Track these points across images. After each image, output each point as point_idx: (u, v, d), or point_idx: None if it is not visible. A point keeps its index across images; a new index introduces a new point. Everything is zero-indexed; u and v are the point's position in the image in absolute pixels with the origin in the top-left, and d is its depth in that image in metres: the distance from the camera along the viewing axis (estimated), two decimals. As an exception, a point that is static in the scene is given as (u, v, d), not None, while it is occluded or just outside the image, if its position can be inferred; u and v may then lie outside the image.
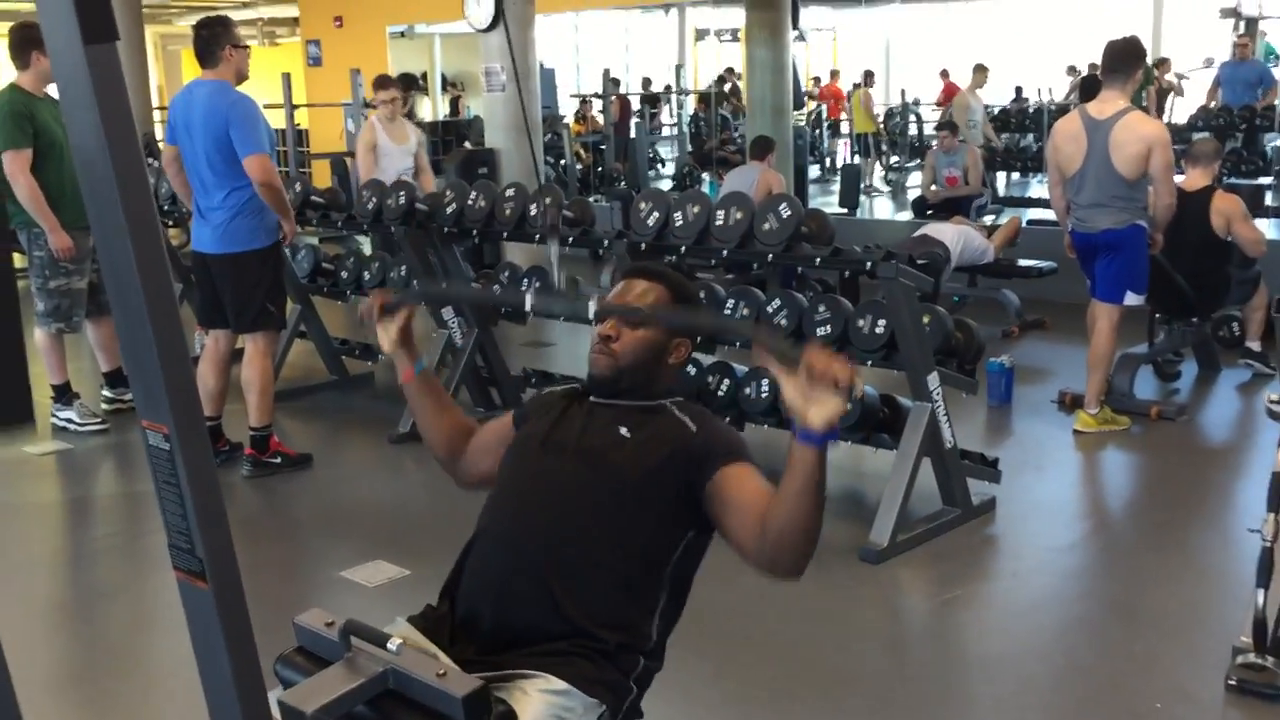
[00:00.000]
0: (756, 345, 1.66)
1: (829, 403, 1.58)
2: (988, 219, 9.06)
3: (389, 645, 1.55)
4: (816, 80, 17.98)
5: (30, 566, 3.93)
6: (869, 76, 14.81)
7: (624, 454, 1.86)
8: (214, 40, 4.41)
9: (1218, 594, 3.61)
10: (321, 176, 12.15)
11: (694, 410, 1.95)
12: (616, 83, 14.56)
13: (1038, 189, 12.20)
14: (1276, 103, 10.07)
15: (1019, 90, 14.34)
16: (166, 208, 6.17)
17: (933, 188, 8.97)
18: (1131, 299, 4.95)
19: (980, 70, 11.35)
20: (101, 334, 5.48)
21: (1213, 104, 10.51)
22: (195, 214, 4.60)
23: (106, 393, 5.62)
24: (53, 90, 4.87)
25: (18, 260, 5.58)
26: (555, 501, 1.85)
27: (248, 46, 4.56)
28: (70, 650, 3.38)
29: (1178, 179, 5.22)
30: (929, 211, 8.74)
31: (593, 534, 1.82)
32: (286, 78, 10.75)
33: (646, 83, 16.59)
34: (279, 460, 4.75)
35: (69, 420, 5.33)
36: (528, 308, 1.90)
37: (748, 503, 1.78)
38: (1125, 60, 4.83)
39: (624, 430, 1.89)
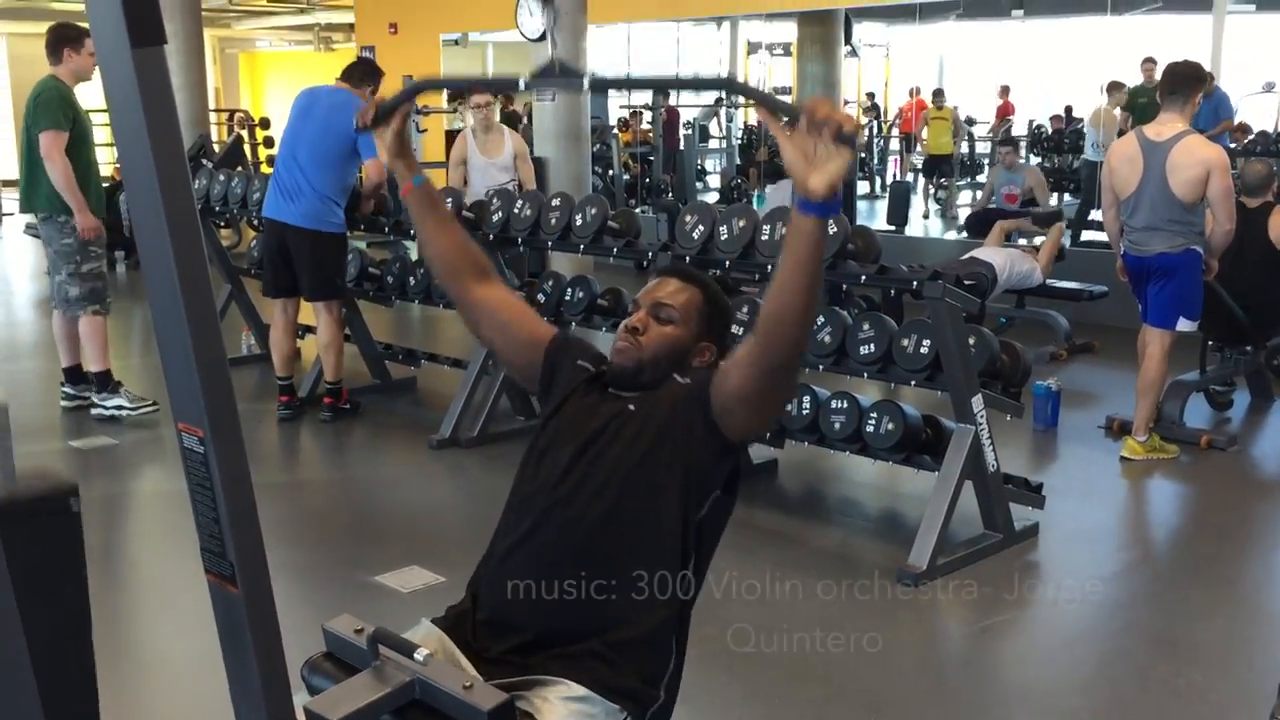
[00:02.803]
0: (757, 104, 1.60)
1: (831, 162, 1.49)
2: (1038, 240, 8.95)
3: (416, 655, 1.54)
4: (871, 96, 17.89)
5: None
6: (939, 95, 14.49)
7: (634, 427, 1.85)
8: (370, 74, 5.42)
9: (1265, 630, 3.53)
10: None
11: (687, 370, 1.94)
12: (666, 95, 14.54)
13: (1089, 210, 12.05)
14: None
15: (1069, 110, 14.17)
16: (217, 209, 6.25)
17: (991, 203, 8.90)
18: (1184, 325, 4.86)
19: (1117, 87, 10.38)
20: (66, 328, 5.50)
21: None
22: (278, 189, 5.19)
23: (68, 389, 5.58)
24: (80, 89, 5.25)
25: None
26: (574, 499, 1.83)
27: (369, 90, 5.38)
28: (98, 645, 3.40)
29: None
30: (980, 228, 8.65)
31: (615, 515, 1.80)
32: (340, 83, 10.85)
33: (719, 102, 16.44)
34: (348, 407, 5.53)
35: (118, 408, 5.41)
36: (521, 86, 1.88)
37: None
38: (1185, 83, 4.77)
39: (631, 406, 1.88)
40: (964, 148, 14.30)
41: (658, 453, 1.81)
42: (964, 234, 9.28)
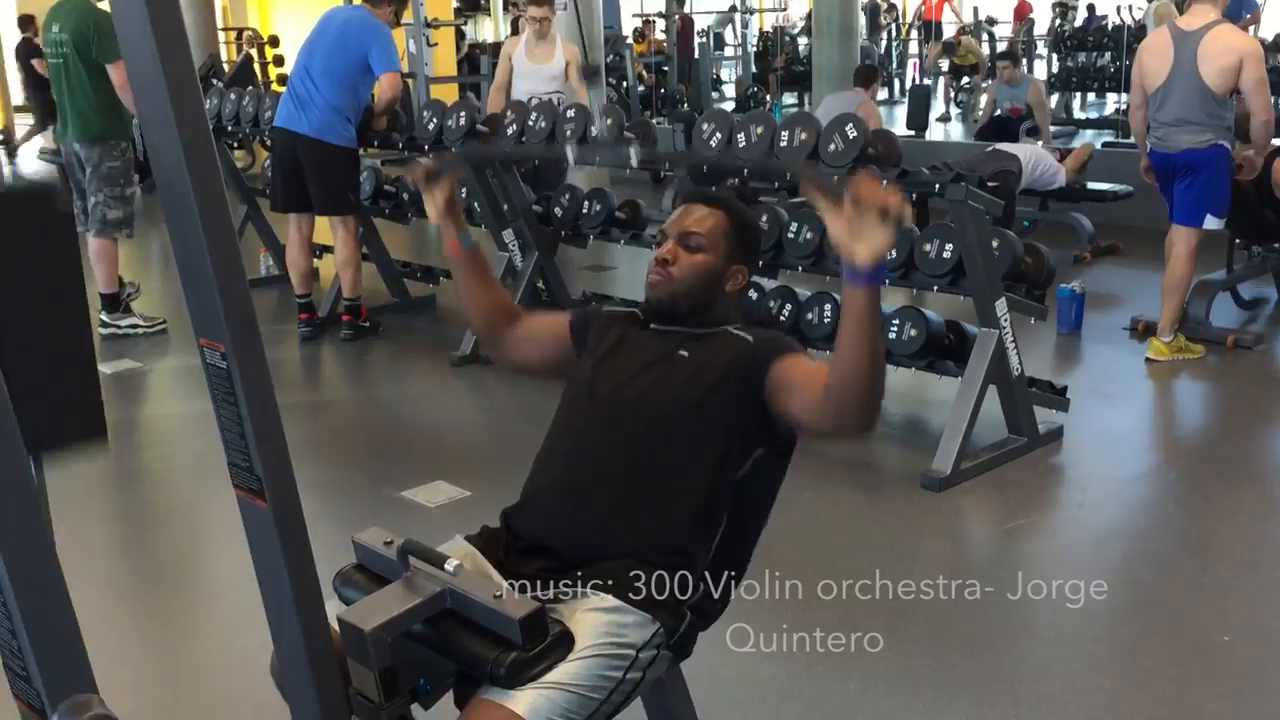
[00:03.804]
0: (803, 181, 1.65)
1: (876, 235, 1.55)
2: (1057, 142, 8.79)
3: (446, 566, 1.55)
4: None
5: (97, 483, 4.02)
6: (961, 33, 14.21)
7: (684, 375, 1.86)
8: None
9: (1292, 527, 3.53)
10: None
11: (751, 328, 1.94)
12: (681, 2, 14.29)
13: (1114, 110, 11.83)
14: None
15: (1091, 9, 13.87)
16: (229, 129, 6.19)
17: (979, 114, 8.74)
18: (1211, 223, 4.79)
19: None
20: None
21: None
22: (291, 99, 5.19)
23: (104, 317, 5.64)
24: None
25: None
26: (615, 427, 1.85)
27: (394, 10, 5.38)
28: (134, 564, 3.47)
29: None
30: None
31: (654, 458, 1.82)
32: (348, -2, 10.68)
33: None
34: (368, 324, 5.51)
35: (133, 326, 5.58)
36: (570, 158, 1.90)
37: (808, 379, 1.76)
38: None
39: (683, 352, 1.89)
40: (986, 49, 14.03)
41: (706, 405, 1.83)
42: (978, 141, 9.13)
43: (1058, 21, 13.32)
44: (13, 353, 1.11)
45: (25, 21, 12.08)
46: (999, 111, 8.66)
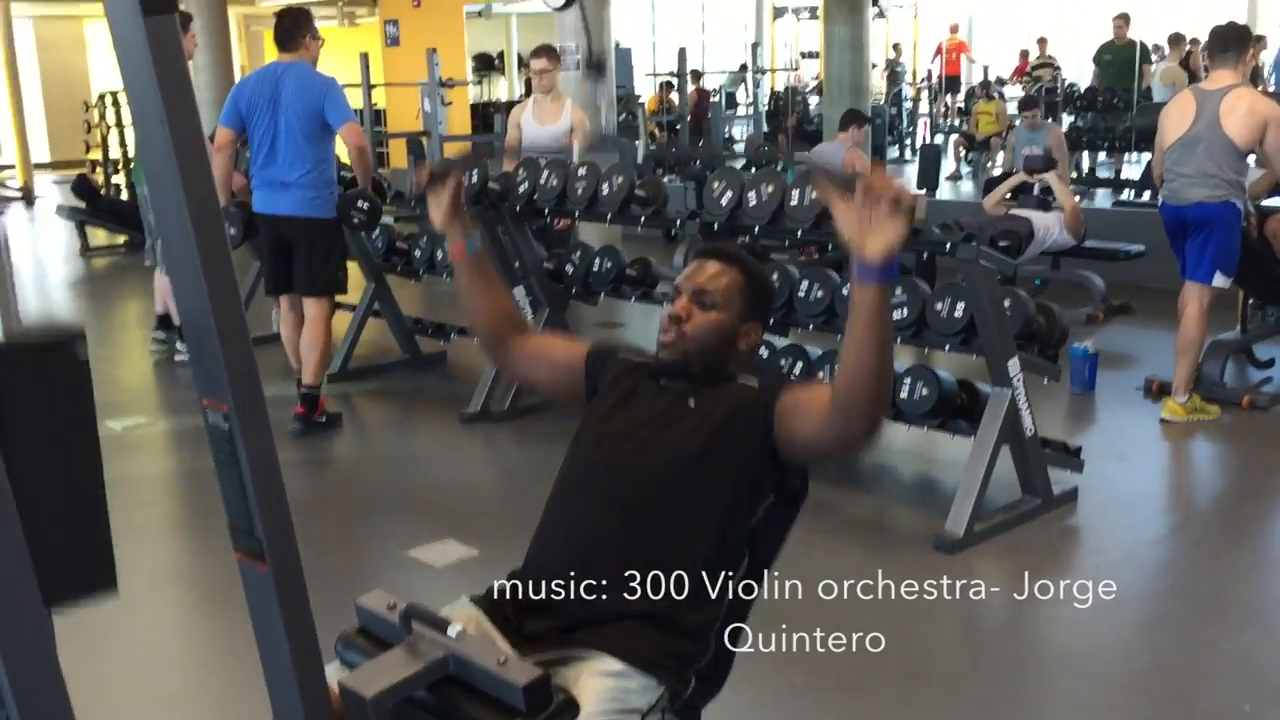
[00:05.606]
0: (815, 176, 1.62)
1: (888, 228, 1.51)
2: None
3: (449, 631, 1.52)
4: (897, 48, 17.70)
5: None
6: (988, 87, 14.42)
7: (691, 422, 1.84)
8: (296, 28, 4.85)
9: (1313, 592, 3.47)
10: (398, 155, 12.25)
11: (757, 374, 1.91)
12: (698, 75, 14.45)
13: (1126, 169, 11.88)
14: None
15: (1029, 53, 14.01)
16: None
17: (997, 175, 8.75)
18: (1220, 280, 4.78)
19: (1178, 40, 9.90)
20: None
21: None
22: (265, 184, 4.86)
23: (159, 334, 6.17)
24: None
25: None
26: (624, 480, 1.83)
27: (321, 39, 4.99)
28: (131, 626, 3.43)
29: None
30: (1009, 197, 8.51)
31: (662, 510, 1.79)
32: (365, 57, 10.82)
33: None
34: (324, 420, 5.00)
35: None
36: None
37: (813, 398, 1.75)
38: (1236, 42, 4.80)
39: (691, 402, 1.87)
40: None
41: (711, 453, 1.80)
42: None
43: (1066, 81, 13.41)
44: (28, 508, 1.08)
45: None
46: (1016, 159, 8.65)
